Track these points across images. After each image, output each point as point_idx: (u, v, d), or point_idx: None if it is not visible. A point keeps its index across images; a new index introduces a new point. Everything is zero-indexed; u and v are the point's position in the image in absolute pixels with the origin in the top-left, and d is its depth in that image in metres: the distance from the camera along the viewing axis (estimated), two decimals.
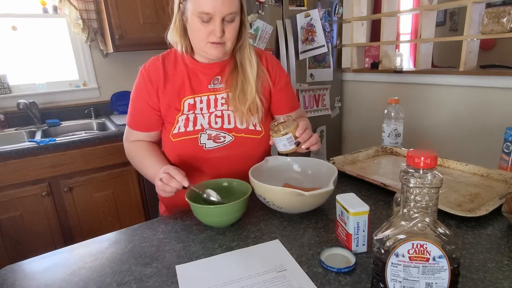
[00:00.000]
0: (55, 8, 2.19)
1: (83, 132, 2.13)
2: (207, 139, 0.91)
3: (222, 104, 0.93)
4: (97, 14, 2.21)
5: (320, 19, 2.12)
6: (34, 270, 0.67)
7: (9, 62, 2.14)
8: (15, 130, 2.05)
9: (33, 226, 1.75)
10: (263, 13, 1.93)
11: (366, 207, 0.63)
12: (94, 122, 2.25)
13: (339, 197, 0.67)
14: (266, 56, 1.01)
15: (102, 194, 1.92)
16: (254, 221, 0.80)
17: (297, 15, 2.04)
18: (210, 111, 0.93)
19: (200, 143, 0.90)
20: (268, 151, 1.02)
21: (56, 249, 0.73)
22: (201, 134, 0.90)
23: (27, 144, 1.70)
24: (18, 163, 1.66)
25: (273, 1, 1.94)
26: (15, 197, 1.69)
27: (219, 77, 0.95)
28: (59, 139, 1.79)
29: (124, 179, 1.97)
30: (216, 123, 0.92)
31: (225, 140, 0.92)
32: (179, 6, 0.86)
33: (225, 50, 0.88)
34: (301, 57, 2.13)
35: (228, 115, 0.93)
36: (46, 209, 1.77)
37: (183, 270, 0.63)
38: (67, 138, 1.81)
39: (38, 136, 1.93)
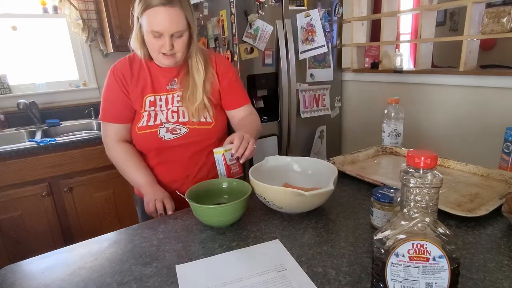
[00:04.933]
0: (55, 8, 2.19)
1: (83, 132, 2.13)
2: (166, 132, 1.06)
3: (177, 101, 1.08)
4: (97, 14, 2.21)
5: (320, 19, 2.12)
6: (34, 270, 0.67)
7: (9, 62, 2.14)
8: (15, 130, 2.05)
9: (33, 226, 1.76)
10: (263, 13, 1.92)
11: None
12: (94, 122, 2.25)
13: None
14: (216, 58, 1.14)
15: (102, 194, 1.92)
16: (254, 221, 0.80)
17: (297, 15, 2.04)
18: (168, 107, 1.07)
19: (160, 135, 1.05)
20: (222, 138, 1.11)
21: (56, 249, 0.73)
22: (160, 128, 1.05)
23: (27, 144, 1.70)
24: (18, 163, 1.66)
25: (273, 1, 1.94)
26: (15, 197, 1.69)
27: (176, 79, 1.09)
28: (59, 139, 1.79)
29: (124, 179, 1.93)
30: (172, 117, 1.07)
31: (180, 132, 1.07)
32: (137, 19, 0.98)
33: (176, 60, 1.02)
34: (301, 57, 2.13)
35: (183, 110, 1.08)
36: (46, 209, 1.77)
37: (183, 270, 0.63)
38: (67, 138, 1.81)
39: (38, 136, 1.93)
